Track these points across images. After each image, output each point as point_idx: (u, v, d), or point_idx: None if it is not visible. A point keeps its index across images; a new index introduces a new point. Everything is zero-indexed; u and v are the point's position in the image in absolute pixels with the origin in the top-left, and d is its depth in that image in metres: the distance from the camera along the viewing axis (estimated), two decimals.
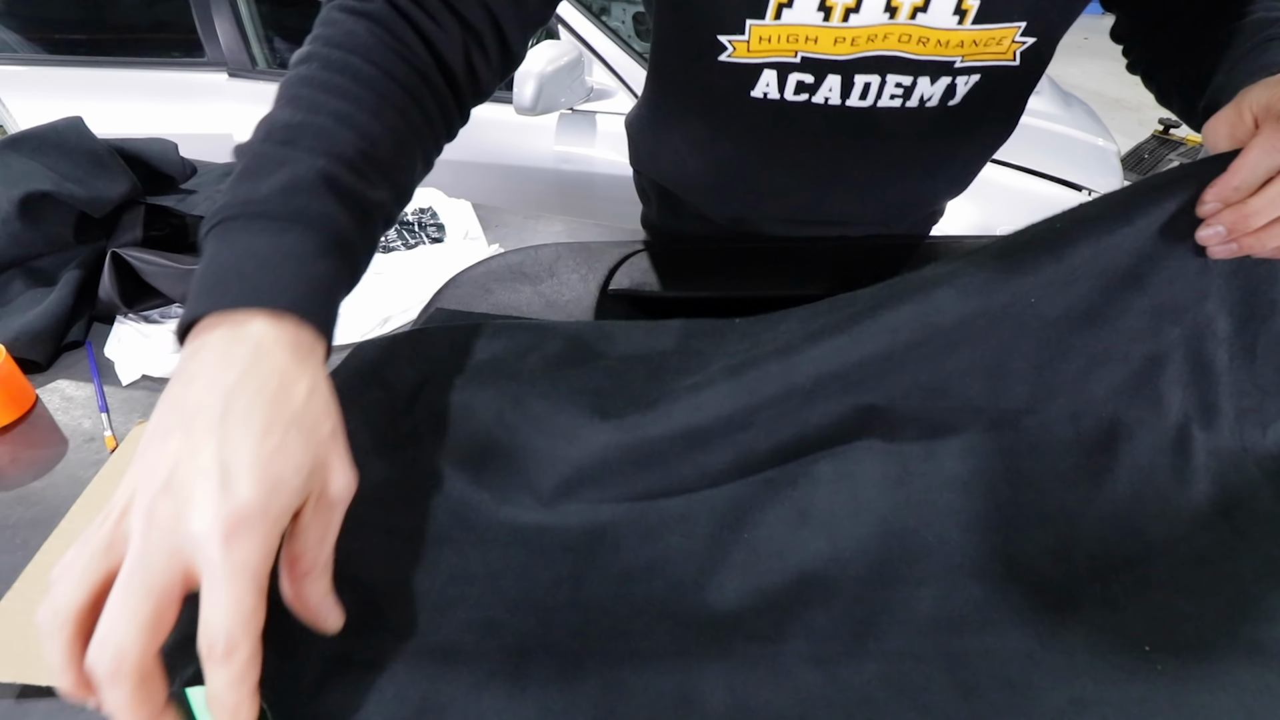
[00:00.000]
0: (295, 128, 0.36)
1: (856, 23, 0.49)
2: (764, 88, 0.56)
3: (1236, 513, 0.40)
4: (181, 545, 0.24)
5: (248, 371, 0.28)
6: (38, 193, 0.59)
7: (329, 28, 0.41)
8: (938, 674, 0.32)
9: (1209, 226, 0.39)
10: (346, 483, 0.30)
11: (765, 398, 0.41)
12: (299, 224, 0.33)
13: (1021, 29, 0.51)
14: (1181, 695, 0.32)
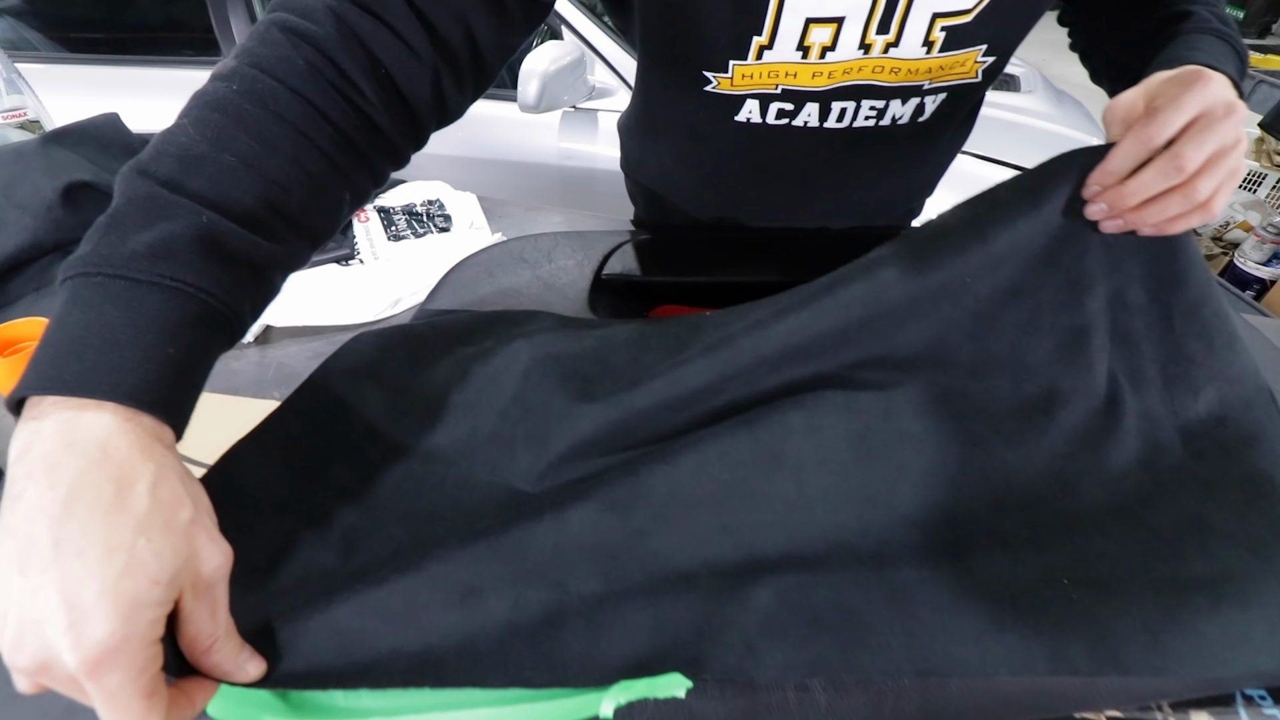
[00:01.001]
0: (192, 162, 0.32)
1: (833, 59, 0.54)
2: (747, 114, 0.60)
3: (1160, 469, 0.45)
4: (62, 679, 0.25)
5: (78, 484, 0.26)
6: (78, 182, 0.64)
7: (263, 47, 0.36)
8: (877, 597, 0.37)
9: (1094, 204, 0.46)
10: (219, 560, 0.29)
11: (738, 368, 0.46)
12: (161, 292, 0.29)
13: (984, 50, 0.55)
14: (1091, 619, 0.36)
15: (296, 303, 0.67)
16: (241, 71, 0.35)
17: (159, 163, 0.32)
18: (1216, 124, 0.41)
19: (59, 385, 0.27)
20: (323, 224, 0.39)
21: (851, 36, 0.52)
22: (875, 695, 0.35)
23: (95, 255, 0.30)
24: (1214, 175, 0.42)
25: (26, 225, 0.64)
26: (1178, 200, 0.43)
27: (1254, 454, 0.45)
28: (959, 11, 0.51)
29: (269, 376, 0.60)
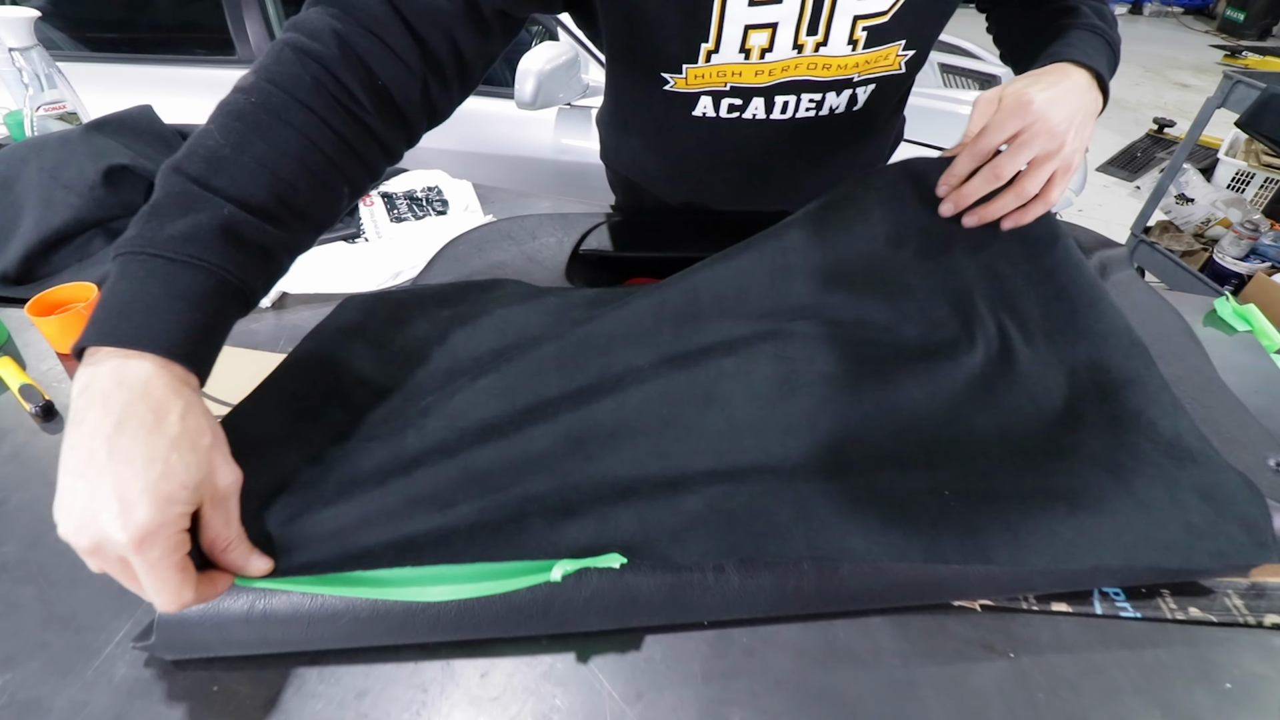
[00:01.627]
0: (217, 162, 0.40)
1: (771, 59, 0.61)
2: (703, 109, 0.68)
3: (1044, 406, 0.53)
4: (112, 558, 0.34)
5: (126, 411, 0.34)
6: (118, 165, 0.73)
7: (278, 65, 0.44)
8: (786, 503, 0.44)
9: (945, 202, 0.58)
10: (231, 481, 0.37)
11: (674, 310, 0.54)
12: (189, 270, 0.37)
13: (903, 45, 0.63)
14: (963, 520, 0.44)
15: (309, 273, 0.75)
16: (259, 86, 0.43)
17: (190, 162, 0.40)
18: (1033, 139, 0.53)
19: (112, 339, 0.35)
20: (324, 214, 0.47)
21: (785, 38, 0.59)
22: (779, 575, 0.43)
23: (140, 238, 0.38)
24: (1038, 175, 0.54)
25: (72, 203, 0.72)
26: (1011, 197, 0.56)
27: (1127, 394, 0.52)
28: (877, 13, 0.59)
29: (284, 335, 0.68)
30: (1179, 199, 2.47)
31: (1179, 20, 6.91)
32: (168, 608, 0.35)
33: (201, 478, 0.35)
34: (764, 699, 0.40)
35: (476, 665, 0.41)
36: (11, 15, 0.88)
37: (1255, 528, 0.44)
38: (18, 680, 0.41)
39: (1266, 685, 0.42)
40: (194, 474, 0.35)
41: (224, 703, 0.39)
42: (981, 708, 0.40)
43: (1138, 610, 0.46)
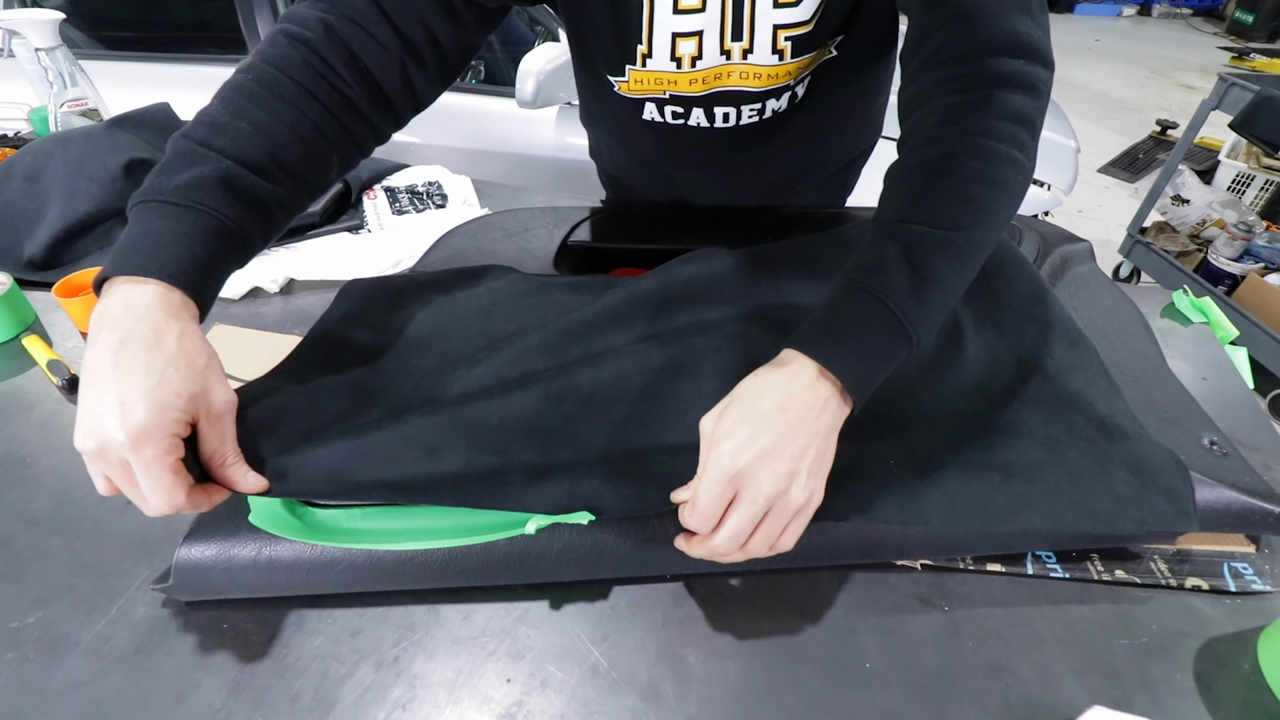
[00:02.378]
0: (218, 127, 0.45)
1: (703, 66, 0.64)
2: (650, 114, 0.71)
3: (990, 387, 0.56)
4: (114, 460, 0.38)
5: (131, 330, 0.38)
6: (138, 159, 0.78)
7: (271, 48, 0.49)
8: None
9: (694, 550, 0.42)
10: (226, 400, 0.41)
11: (651, 297, 0.59)
12: (193, 213, 0.42)
13: (836, 43, 0.64)
14: (904, 486, 0.48)
15: (315, 261, 0.80)
16: (255, 65, 0.48)
17: (195, 129, 0.45)
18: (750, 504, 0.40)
19: (124, 269, 0.40)
20: (315, 177, 0.51)
21: (712, 45, 0.62)
22: None
23: (150, 189, 0.43)
24: (763, 539, 0.41)
25: (94, 194, 0.77)
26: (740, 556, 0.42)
27: (1071, 377, 0.56)
28: (799, 23, 0.60)
29: (291, 318, 0.73)
30: (1175, 200, 2.50)
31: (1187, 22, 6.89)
32: (159, 509, 0.39)
33: (195, 391, 0.40)
34: (716, 642, 0.44)
35: (459, 609, 0.46)
36: (39, 17, 0.93)
37: (1178, 498, 0.48)
38: (49, 618, 0.45)
39: (1181, 640, 0.46)
40: (188, 386, 0.39)
41: (233, 638, 0.44)
42: (915, 652, 0.44)
43: (1067, 572, 0.50)
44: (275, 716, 0.40)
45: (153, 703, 0.41)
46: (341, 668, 0.43)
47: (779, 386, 0.41)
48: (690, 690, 0.42)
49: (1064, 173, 1.78)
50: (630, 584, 0.48)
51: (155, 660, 0.43)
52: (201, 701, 0.41)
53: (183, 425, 0.39)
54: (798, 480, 0.40)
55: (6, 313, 0.70)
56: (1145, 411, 0.58)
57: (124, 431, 0.37)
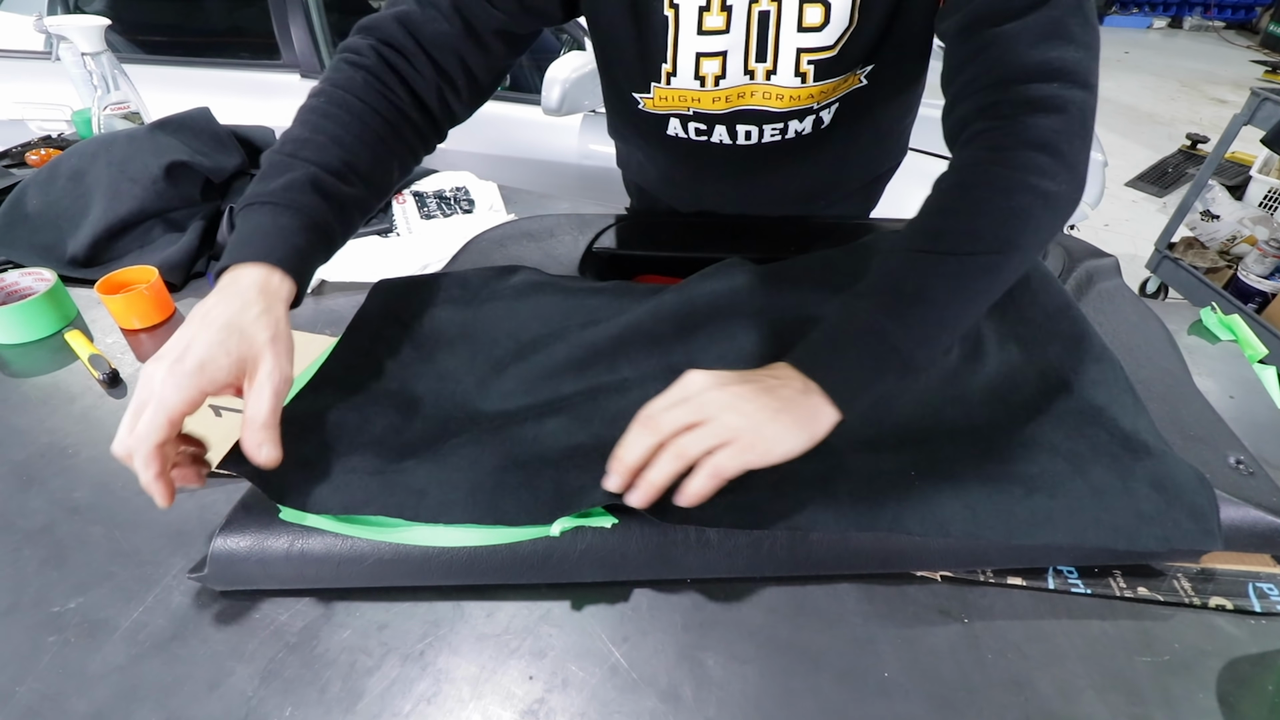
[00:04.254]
0: (301, 142, 0.53)
1: (726, 85, 0.65)
2: (674, 130, 0.72)
3: (1012, 401, 0.57)
4: (146, 386, 0.43)
5: (224, 299, 0.46)
6: (178, 162, 0.80)
7: (336, 74, 0.57)
8: (764, 483, 0.48)
9: (621, 485, 0.44)
10: (273, 373, 0.45)
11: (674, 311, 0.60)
12: (290, 210, 0.50)
13: (866, 72, 0.64)
14: (926, 497, 0.48)
15: (346, 264, 0.82)
16: (325, 89, 0.56)
17: (284, 145, 0.54)
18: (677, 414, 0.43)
19: (238, 259, 0.48)
20: (381, 181, 0.58)
21: (736, 65, 0.63)
22: (755, 539, 0.48)
23: (253, 194, 0.51)
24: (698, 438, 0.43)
25: (136, 195, 0.80)
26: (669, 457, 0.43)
27: (1095, 392, 0.56)
28: (823, 48, 0.60)
29: (322, 318, 0.75)
30: (1204, 215, 2.46)
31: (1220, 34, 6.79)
32: (122, 432, 0.42)
33: (246, 356, 0.44)
34: (736, 646, 0.45)
35: (483, 606, 0.47)
36: (86, 23, 0.96)
37: (1203, 516, 0.48)
38: (89, 604, 0.47)
39: (1204, 659, 0.45)
40: (240, 352, 0.44)
41: (264, 628, 0.45)
42: (934, 664, 0.44)
43: (1089, 587, 0.49)
44: (305, 706, 0.41)
45: (187, 689, 0.42)
46: (369, 660, 0.44)
47: (768, 377, 0.46)
48: (709, 693, 0.42)
49: (1090, 186, 1.77)
50: (651, 586, 0.48)
51: (190, 647, 0.44)
52: (234, 689, 0.42)
53: (216, 385, 0.44)
54: (729, 414, 0.42)
55: (50, 308, 0.72)
56: (1170, 429, 0.58)
57: (166, 365, 0.43)
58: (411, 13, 0.58)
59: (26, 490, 0.55)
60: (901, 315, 0.46)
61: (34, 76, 2.00)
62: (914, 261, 0.47)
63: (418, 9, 0.58)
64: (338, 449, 0.50)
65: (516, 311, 0.63)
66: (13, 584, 0.48)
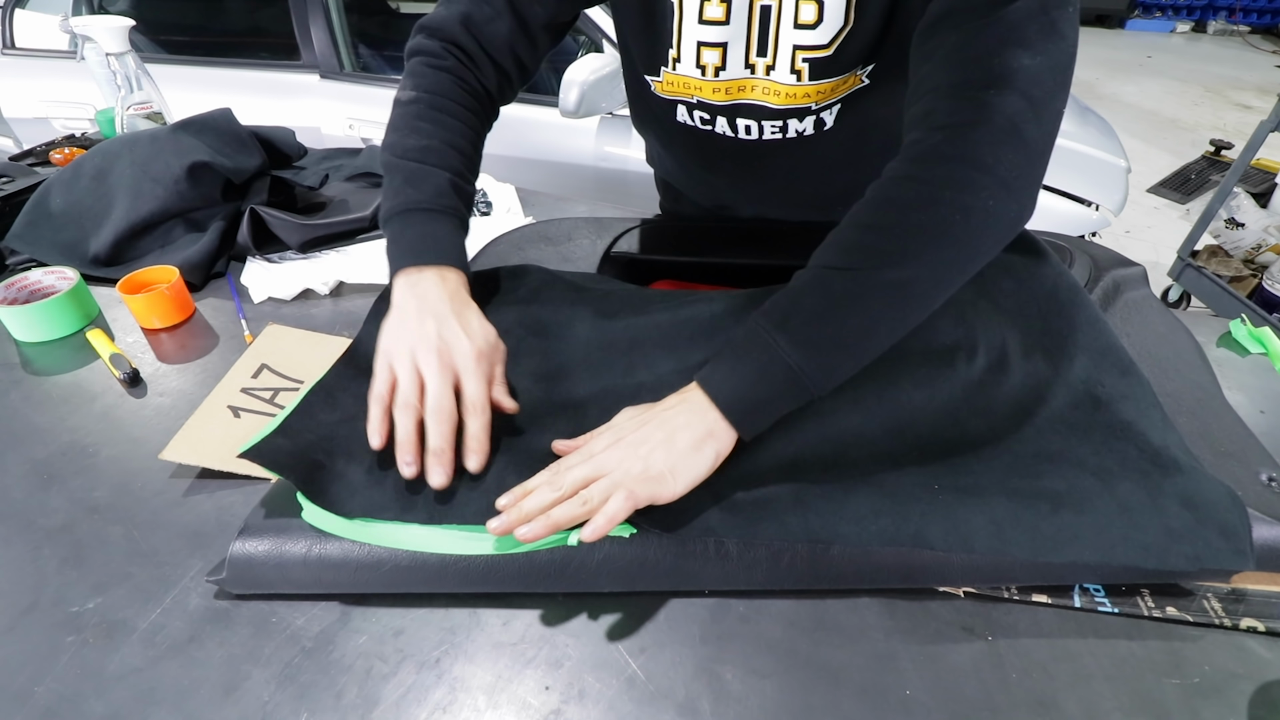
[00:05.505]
0: (427, 150, 0.59)
1: (725, 77, 0.65)
2: (683, 117, 0.72)
3: (1038, 414, 0.55)
4: (454, 369, 0.51)
5: (420, 299, 0.54)
6: (200, 162, 0.81)
7: (423, 79, 0.62)
8: (786, 494, 0.48)
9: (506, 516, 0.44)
10: (470, 348, 0.52)
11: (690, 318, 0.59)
12: (445, 215, 0.58)
13: (868, 72, 0.63)
14: (950, 512, 0.47)
15: (364, 265, 0.82)
16: (423, 97, 0.61)
17: (410, 152, 0.59)
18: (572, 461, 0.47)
19: (412, 261, 0.56)
20: (478, 170, 0.65)
21: (736, 57, 0.63)
22: (774, 551, 0.47)
23: (408, 201, 0.57)
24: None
25: (158, 195, 0.80)
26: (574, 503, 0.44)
27: (1122, 407, 0.55)
28: (817, 46, 0.59)
29: (340, 320, 0.75)
30: (1229, 223, 2.42)
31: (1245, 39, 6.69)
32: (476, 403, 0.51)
33: (453, 342, 0.52)
34: (754, 660, 0.44)
35: (500, 614, 0.47)
36: (111, 24, 0.97)
37: (1234, 535, 0.46)
38: (107, 604, 0.47)
39: (1235, 682, 0.44)
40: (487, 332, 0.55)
41: (280, 632, 0.45)
42: (957, 683, 0.43)
43: (1116, 606, 0.48)
44: (320, 712, 0.41)
45: (204, 692, 0.42)
46: (385, 666, 0.43)
47: (667, 406, 0.48)
48: (727, 708, 0.42)
49: (1113, 193, 1.74)
50: (669, 598, 0.48)
51: (207, 650, 0.44)
52: (250, 693, 0.42)
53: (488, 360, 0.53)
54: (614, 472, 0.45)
55: (72, 307, 0.73)
56: (1200, 444, 0.56)
57: (472, 346, 0.52)
58: (472, 13, 0.62)
59: (47, 489, 0.56)
60: (796, 332, 0.46)
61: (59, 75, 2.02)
62: (818, 278, 0.47)
63: (476, 8, 0.62)
64: (354, 450, 0.51)
65: (532, 312, 0.62)
66: (33, 583, 0.49)
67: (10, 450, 0.59)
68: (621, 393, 0.56)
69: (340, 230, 0.86)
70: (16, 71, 2.06)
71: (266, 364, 0.66)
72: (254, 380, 0.64)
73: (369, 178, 0.99)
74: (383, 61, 2.28)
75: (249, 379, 0.64)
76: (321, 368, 0.59)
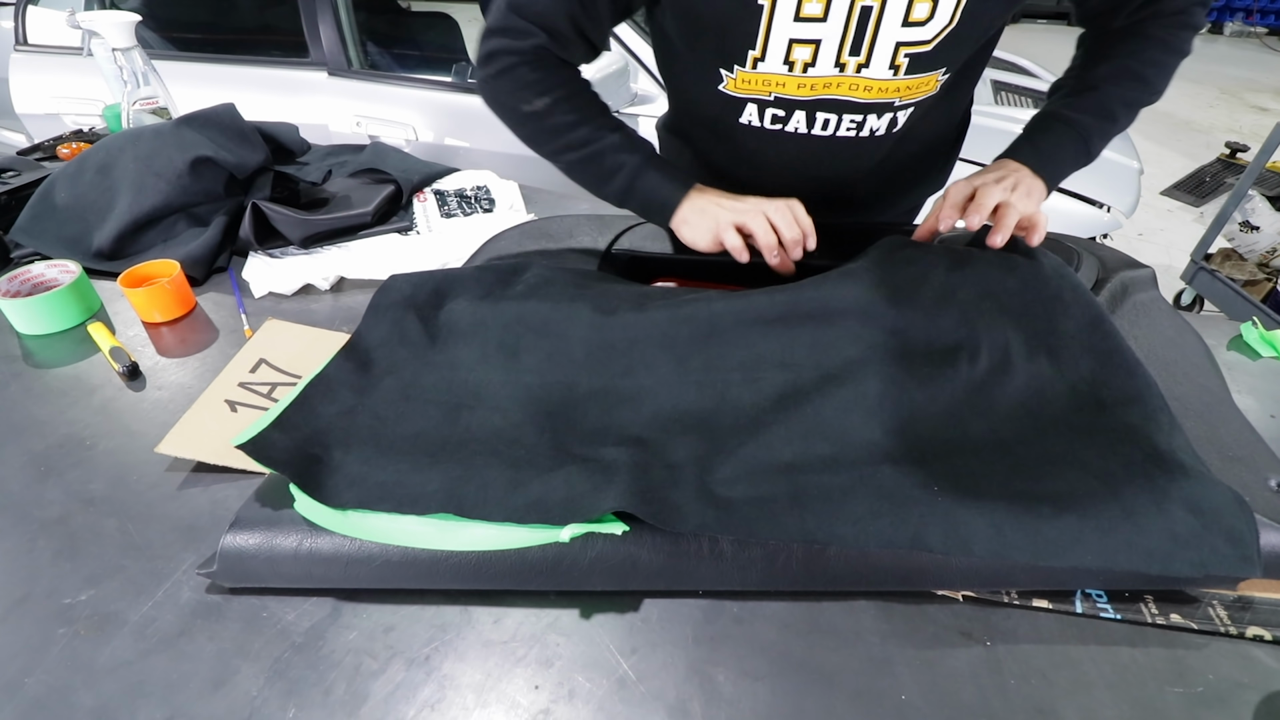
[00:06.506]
0: (599, 123, 0.70)
1: (814, 74, 0.65)
2: (749, 117, 0.72)
3: (1041, 415, 0.55)
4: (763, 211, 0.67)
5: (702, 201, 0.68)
6: (203, 157, 0.81)
7: (553, 80, 0.69)
8: (783, 492, 0.47)
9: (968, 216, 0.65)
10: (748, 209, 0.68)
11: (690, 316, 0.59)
12: (660, 160, 0.71)
13: (943, 71, 0.66)
14: (949, 515, 0.46)
15: (364, 261, 0.82)
16: (554, 99, 0.69)
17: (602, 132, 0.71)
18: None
19: (682, 190, 0.70)
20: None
21: (828, 55, 0.63)
22: (770, 551, 0.46)
23: (637, 149, 0.70)
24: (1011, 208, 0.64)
25: (161, 189, 0.81)
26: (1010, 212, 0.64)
27: (1128, 410, 0.54)
28: (921, 42, 0.62)
29: (340, 315, 0.75)
30: (1243, 226, 2.39)
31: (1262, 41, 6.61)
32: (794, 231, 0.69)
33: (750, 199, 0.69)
34: (748, 662, 0.44)
35: (491, 612, 0.46)
36: (117, 19, 0.97)
37: (1241, 541, 0.45)
38: (100, 596, 0.47)
39: (1240, 692, 0.43)
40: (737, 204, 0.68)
41: (271, 627, 0.45)
42: (954, 688, 0.43)
43: (1118, 612, 0.47)
44: (309, 708, 0.41)
45: (193, 685, 0.42)
46: (374, 663, 0.43)
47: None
48: (719, 710, 0.41)
49: (1125, 194, 1.72)
50: (661, 597, 0.47)
51: (197, 644, 0.44)
52: (239, 688, 0.42)
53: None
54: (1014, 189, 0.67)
55: (74, 300, 0.73)
56: (1208, 449, 0.55)
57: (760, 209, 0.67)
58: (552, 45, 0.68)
59: (44, 481, 0.56)
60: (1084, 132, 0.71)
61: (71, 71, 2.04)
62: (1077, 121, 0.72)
63: (556, 44, 0.68)
64: (351, 442, 0.51)
65: (531, 307, 0.62)
66: (27, 574, 0.49)
67: (9, 442, 0.59)
68: (622, 393, 0.56)
69: (342, 226, 0.86)
70: (30, 67, 2.08)
71: (264, 359, 0.65)
72: (252, 375, 0.63)
73: (372, 174, 0.98)
74: (391, 59, 2.28)
75: (246, 373, 0.64)
76: (319, 363, 0.59)
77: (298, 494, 0.47)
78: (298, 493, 0.47)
